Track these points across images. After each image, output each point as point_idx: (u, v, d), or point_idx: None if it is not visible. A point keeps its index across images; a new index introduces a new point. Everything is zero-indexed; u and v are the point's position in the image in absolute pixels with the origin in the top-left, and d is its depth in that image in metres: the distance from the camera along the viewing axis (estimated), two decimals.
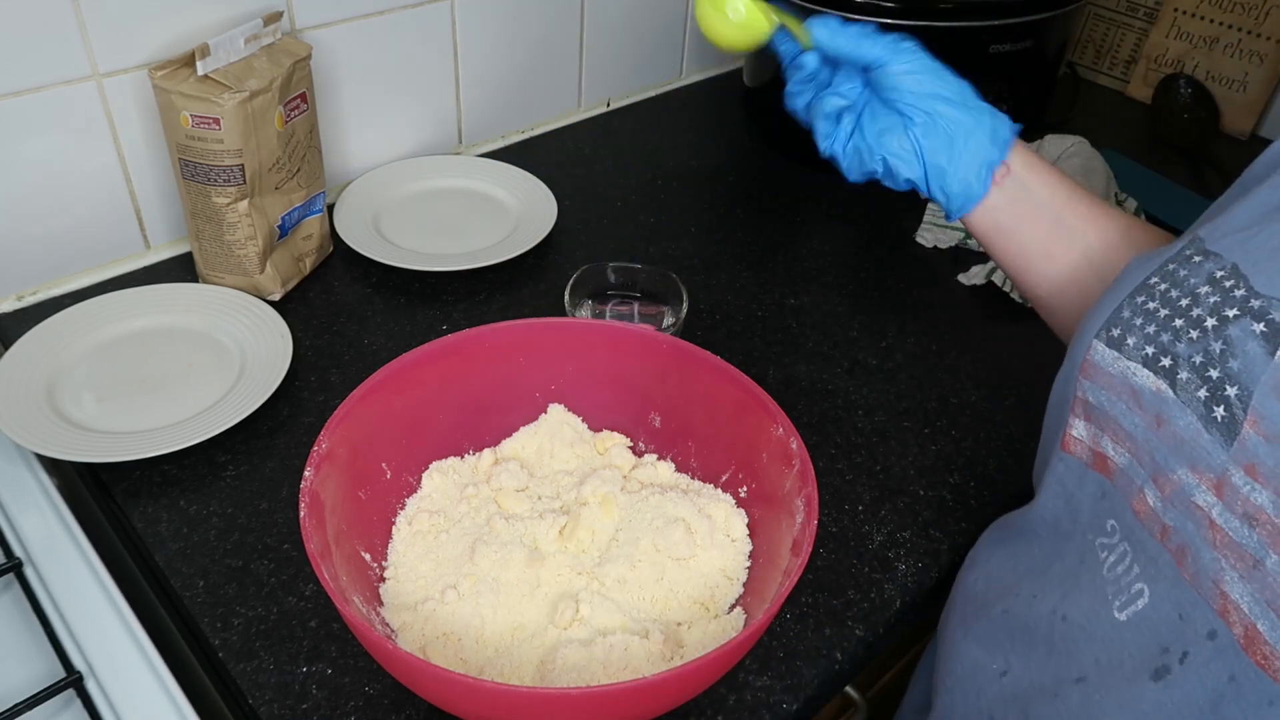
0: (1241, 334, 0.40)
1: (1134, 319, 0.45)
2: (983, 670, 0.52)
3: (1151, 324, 0.44)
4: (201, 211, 0.77)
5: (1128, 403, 0.44)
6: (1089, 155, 0.94)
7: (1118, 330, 0.45)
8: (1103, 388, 0.46)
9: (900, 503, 0.69)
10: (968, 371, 0.81)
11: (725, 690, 0.57)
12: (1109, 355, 0.45)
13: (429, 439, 0.64)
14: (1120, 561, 0.45)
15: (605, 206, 0.99)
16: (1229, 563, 0.39)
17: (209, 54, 0.71)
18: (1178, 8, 1.22)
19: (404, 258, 0.86)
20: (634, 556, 0.58)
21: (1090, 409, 0.47)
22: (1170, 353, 0.42)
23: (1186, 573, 0.41)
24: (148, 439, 0.66)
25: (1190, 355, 0.41)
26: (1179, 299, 0.43)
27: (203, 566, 0.61)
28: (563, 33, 1.08)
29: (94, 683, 0.55)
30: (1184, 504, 0.41)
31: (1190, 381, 0.41)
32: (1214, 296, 0.42)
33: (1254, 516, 0.38)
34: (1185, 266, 0.44)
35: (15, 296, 0.80)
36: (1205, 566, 0.40)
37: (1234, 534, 0.39)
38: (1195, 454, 0.41)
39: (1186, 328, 0.42)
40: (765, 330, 0.84)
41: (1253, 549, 0.38)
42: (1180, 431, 0.41)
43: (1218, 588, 0.39)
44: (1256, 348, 0.39)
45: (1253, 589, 0.38)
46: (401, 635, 0.54)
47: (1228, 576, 0.39)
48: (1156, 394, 0.43)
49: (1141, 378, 0.44)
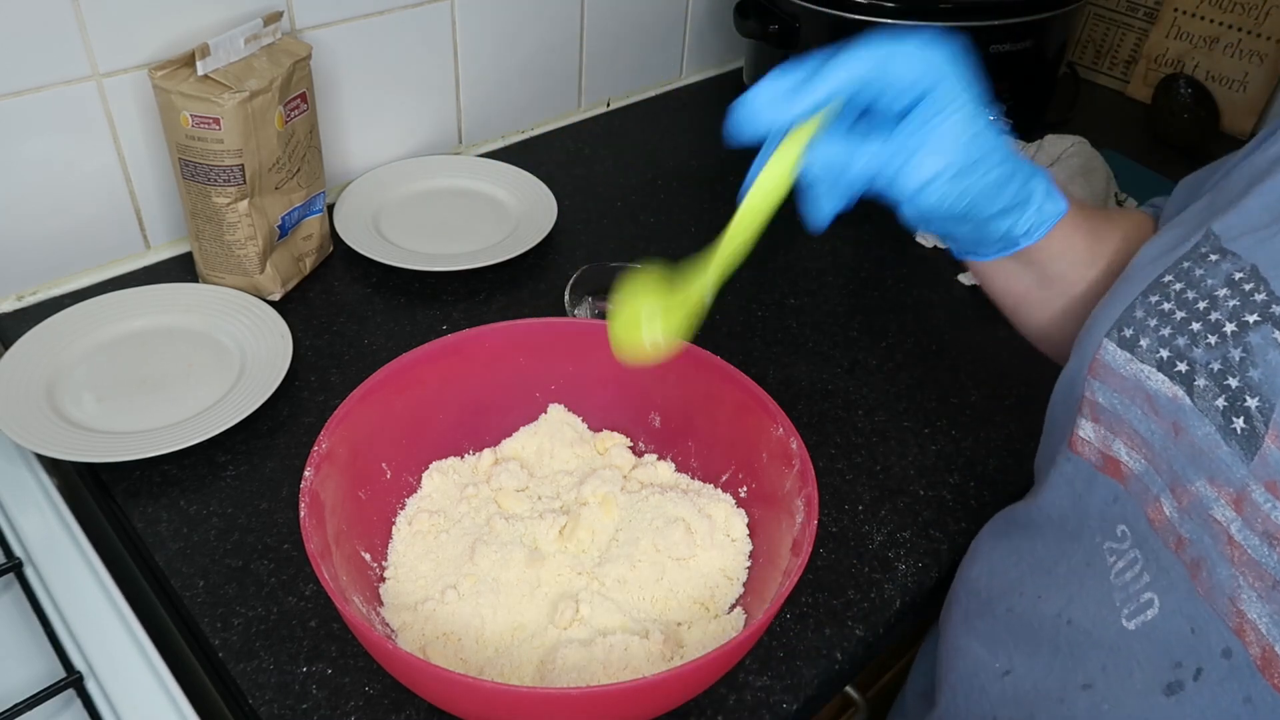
0: (1262, 342, 0.38)
1: (1148, 319, 0.43)
2: (985, 669, 0.52)
3: (1167, 326, 0.42)
4: (201, 211, 0.77)
5: (1143, 407, 0.43)
6: (1089, 155, 0.94)
7: (1130, 330, 0.44)
8: (1114, 390, 0.44)
9: (900, 503, 0.69)
10: (968, 371, 0.81)
11: (725, 690, 0.56)
12: (1121, 356, 0.44)
13: (429, 439, 0.64)
14: (1130, 568, 0.44)
15: (605, 206, 0.99)
16: (1247, 581, 0.38)
17: (209, 54, 0.71)
18: (1178, 8, 1.22)
19: (404, 258, 0.86)
20: (634, 556, 0.58)
21: (1100, 410, 0.45)
22: (1187, 358, 0.41)
23: (1201, 587, 0.40)
24: (148, 439, 0.66)
25: (1208, 362, 0.40)
26: (1195, 301, 0.41)
27: (203, 566, 0.61)
28: (563, 33, 1.08)
29: (94, 683, 0.55)
30: (1202, 516, 0.40)
31: (1208, 390, 0.39)
32: (1233, 300, 0.40)
33: (1274, 535, 0.37)
34: (1201, 265, 0.42)
35: (15, 296, 0.80)
36: (1221, 582, 0.39)
37: (1253, 552, 0.37)
38: (1214, 466, 0.39)
39: (1204, 332, 0.40)
40: (765, 330, 0.84)
41: (1272, 569, 0.37)
42: (1198, 442, 0.40)
43: (1234, 605, 0.38)
44: (1278, 357, 0.37)
45: (1271, 610, 0.37)
46: (401, 635, 0.54)
47: (1245, 595, 0.38)
48: (1173, 400, 0.41)
49: (1156, 382, 0.42)
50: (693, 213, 0.99)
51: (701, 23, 1.22)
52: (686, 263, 0.51)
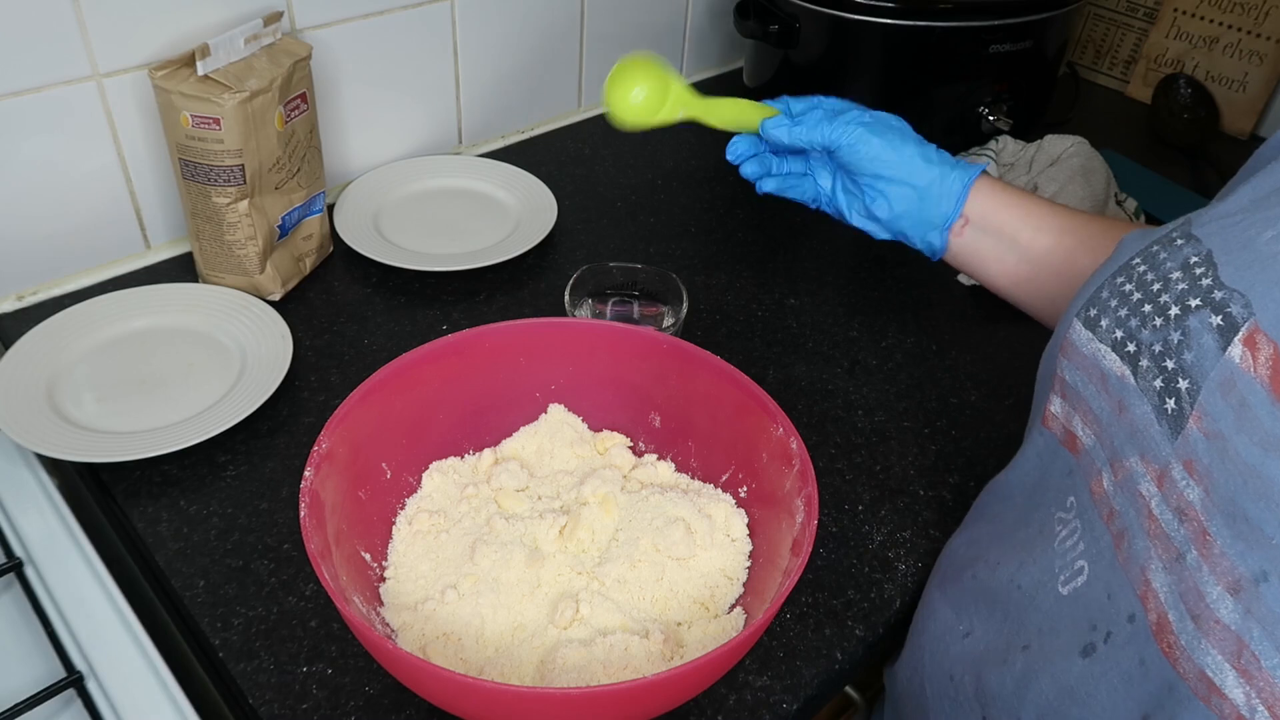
0: (1199, 325, 0.39)
1: (1110, 300, 0.44)
2: (950, 631, 0.54)
3: (1124, 307, 0.43)
4: (201, 211, 0.77)
5: (1097, 385, 0.45)
6: (1089, 155, 0.93)
7: (1095, 311, 0.45)
8: (1077, 367, 0.46)
9: (900, 503, 0.69)
10: (968, 371, 0.81)
11: (725, 690, 0.57)
12: (1084, 335, 0.45)
13: (429, 439, 0.64)
14: (1070, 536, 0.46)
15: (605, 206, 0.99)
16: (1156, 552, 0.40)
17: (209, 54, 0.71)
18: (1178, 8, 1.22)
19: (404, 258, 0.86)
20: (634, 556, 0.58)
21: (1066, 387, 0.47)
22: (1136, 339, 0.42)
23: (1121, 556, 0.42)
24: (148, 439, 0.66)
25: (1152, 343, 0.41)
26: (1153, 283, 0.43)
27: (203, 566, 0.61)
28: (563, 33, 1.08)
29: (94, 683, 0.55)
30: (1130, 491, 0.42)
31: (1149, 370, 0.41)
32: (1183, 284, 0.41)
33: (1184, 511, 0.39)
34: (1166, 249, 0.43)
35: (15, 296, 0.80)
36: (1137, 553, 0.41)
37: (1166, 525, 0.39)
38: (1146, 443, 0.41)
39: (1153, 314, 0.42)
40: (765, 330, 0.84)
41: (1179, 542, 0.39)
42: (1136, 420, 0.41)
43: (1144, 574, 0.40)
44: (1210, 341, 0.38)
45: (1171, 580, 0.39)
46: (401, 635, 0.54)
47: (1154, 565, 0.40)
48: (1120, 379, 0.43)
49: (1109, 361, 0.44)
50: (693, 213, 0.99)
51: (701, 23, 1.22)
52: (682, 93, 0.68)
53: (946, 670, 0.54)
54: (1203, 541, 0.38)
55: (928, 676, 0.56)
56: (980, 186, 0.64)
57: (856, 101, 0.68)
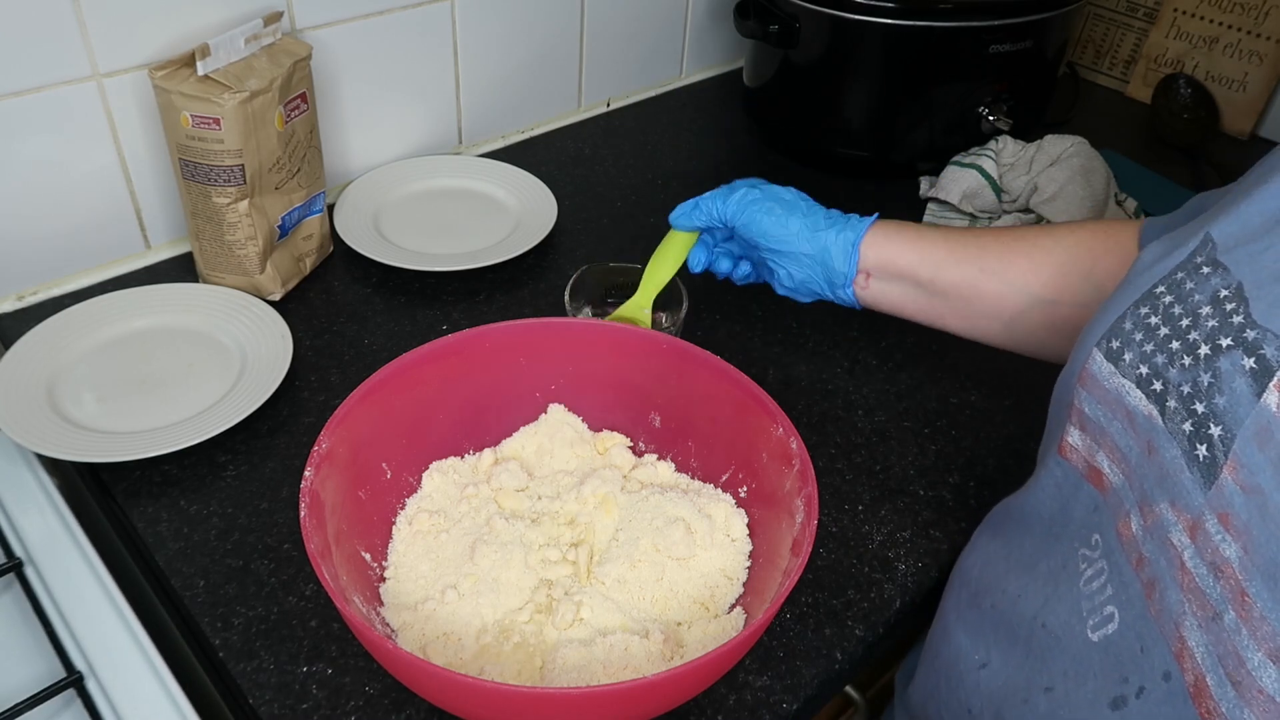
0: (1231, 368, 0.37)
1: (1134, 332, 0.42)
2: (965, 658, 0.53)
3: (1150, 341, 0.41)
4: (202, 211, 0.77)
5: (1123, 422, 0.43)
6: (1089, 155, 0.94)
7: (1117, 342, 0.43)
8: (1099, 401, 0.44)
9: (900, 503, 0.69)
10: (968, 371, 0.81)
11: (725, 690, 0.57)
12: (1106, 368, 0.43)
13: (429, 439, 0.64)
14: (1097, 578, 0.44)
15: (605, 206, 0.99)
16: (1191, 608, 0.38)
17: (209, 54, 0.71)
18: (1177, 8, 1.22)
19: (404, 258, 0.86)
20: (634, 556, 0.58)
21: (1086, 420, 0.45)
22: (1163, 377, 0.40)
23: (1153, 607, 0.40)
24: (148, 439, 0.66)
25: (1180, 383, 0.39)
26: (1180, 317, 0.40)
27: (203, 566, 0.61)
28: (563, 32, 1.08)
29: (94, 683, 0.55)
30: (1161, 539, 0.40)
31: (1177, 412, 0.39)
32: (1213, 320, 0.39)
33: (1220, 568, 0.36)
34: (1193, 278, 0.41)
35: (15, 296, 0.80)
36: (1170, 606, 0.39)
37: (1200, 580, 0.37)
38: (1176, 490, 0.39)
39: (1181, 352, 0.39)
40: (765, 330, 0.84)
41: (1215, 600, 0.37)
42: (1166, 464, 0.39)
43: (1178, 630, 0.38)
44: (1244, 385, 0.36)
45: (1209, 640, 0.37)
46: (401, 635, 0.54)
47: (1188, 622, 0.38)
48: (1148, 419, 0.40)
49: (1134, 399, 0.41)
50: None
51: (701, 23, 1.22)
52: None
53: (964, 701, 0.52)
54: (1241, 603, 0.35)
55: (944, 704, 0.54)
56: (873, 239, 0.67)
57: (856, 102, 0.68)
